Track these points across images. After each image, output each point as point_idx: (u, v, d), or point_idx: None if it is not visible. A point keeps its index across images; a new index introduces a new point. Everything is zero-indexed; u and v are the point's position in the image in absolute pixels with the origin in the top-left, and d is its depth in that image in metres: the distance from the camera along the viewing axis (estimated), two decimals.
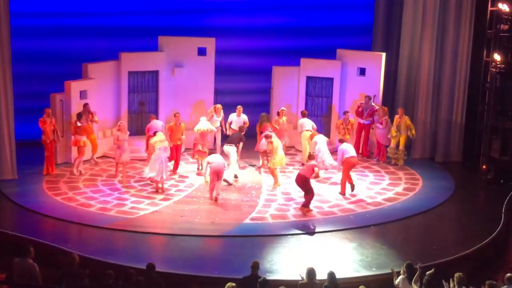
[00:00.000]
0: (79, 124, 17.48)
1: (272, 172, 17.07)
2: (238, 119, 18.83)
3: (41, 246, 12.90)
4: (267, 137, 17.34)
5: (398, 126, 18.72)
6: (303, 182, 15.46)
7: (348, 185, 16.79)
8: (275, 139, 17.23)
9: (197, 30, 20.75)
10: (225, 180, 16.91)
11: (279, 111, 19.17)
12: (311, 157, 16.33)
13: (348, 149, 16.82)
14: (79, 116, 17.61)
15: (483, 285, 10.47)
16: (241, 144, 17.78)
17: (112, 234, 14.22)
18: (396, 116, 18.81)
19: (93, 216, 14.99)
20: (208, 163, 16.17)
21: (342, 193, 16.73)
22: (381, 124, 18.93)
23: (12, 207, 15.60)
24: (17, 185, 16.72)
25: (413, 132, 18.79)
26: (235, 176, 17.58)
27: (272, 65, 20.82)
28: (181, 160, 18.63)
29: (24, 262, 10.83)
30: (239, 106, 18.93)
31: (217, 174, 16.04)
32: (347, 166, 16.76)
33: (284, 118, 19.07)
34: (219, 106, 18.95)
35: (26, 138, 18.69)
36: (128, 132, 17.45)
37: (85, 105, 18.01)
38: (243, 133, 17.96)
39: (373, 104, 19.31)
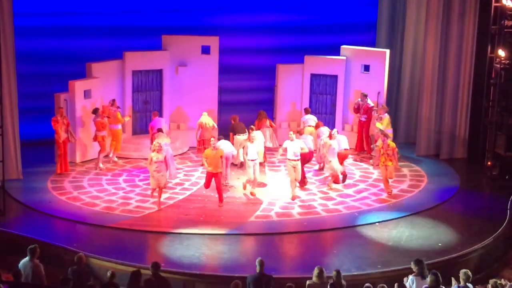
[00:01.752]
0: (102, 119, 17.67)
1: None
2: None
3: (46, 246, 12.93)
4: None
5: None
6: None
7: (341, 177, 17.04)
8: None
9: (200, 28, 20.74)
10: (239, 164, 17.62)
11: (332, 132, 17.06)
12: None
13: (340, 141, 16.84)
14: (95, 111, 17.72)
15: (488, 283, 10.43)
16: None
17: (117, 233, 14.23)
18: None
19: (98, 215, 15.02)
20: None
21: (343, 181, 17.03)
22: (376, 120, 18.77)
23: (17, 207, 15.63)
24: (22, 185, 16.76)
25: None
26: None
27: (276, 63, 20.78)
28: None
29: (30, 262, 10.85)
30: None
31: (225, 160, 16.39)
32: (339, 158, 16.84)
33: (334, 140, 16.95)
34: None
35: (31, 138, 18.70)
36: (164, 153, 15.74)
37: (112, 101, 18.26)
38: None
39: (368, 101, 19.25)
